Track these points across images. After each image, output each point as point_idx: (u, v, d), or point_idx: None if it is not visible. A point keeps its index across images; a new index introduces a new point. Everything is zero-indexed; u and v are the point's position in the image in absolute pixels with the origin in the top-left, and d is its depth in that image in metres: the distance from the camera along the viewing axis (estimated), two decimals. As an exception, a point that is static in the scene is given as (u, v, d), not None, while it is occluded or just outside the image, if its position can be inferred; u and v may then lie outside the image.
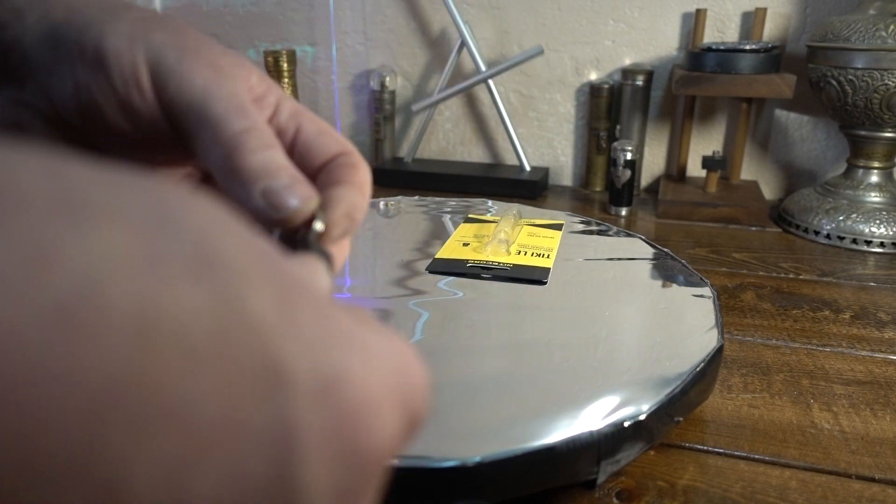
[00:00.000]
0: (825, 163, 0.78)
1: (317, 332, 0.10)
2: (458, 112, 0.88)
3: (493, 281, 0.42)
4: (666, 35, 0.78)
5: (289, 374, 0.09)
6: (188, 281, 0.08)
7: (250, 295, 0.09)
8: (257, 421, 0.09)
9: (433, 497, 0.25)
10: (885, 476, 0.31)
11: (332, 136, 0.21)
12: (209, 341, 0.08)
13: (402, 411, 0.11)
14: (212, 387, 0.08)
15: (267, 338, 0.09)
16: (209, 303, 0.08)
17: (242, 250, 0.09)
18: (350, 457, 0.10)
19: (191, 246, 0.09)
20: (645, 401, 0.29)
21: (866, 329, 0.46)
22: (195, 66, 0.18)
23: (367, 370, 0.10)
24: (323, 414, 0.09)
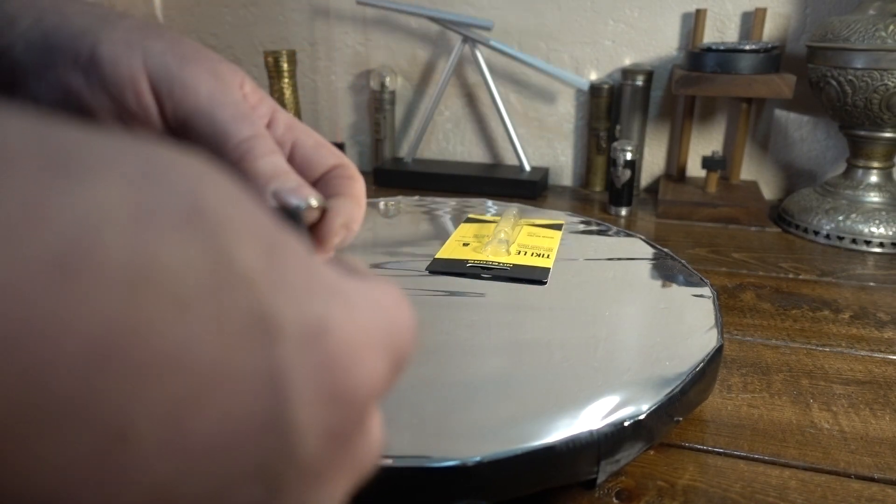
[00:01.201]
0: (825, 163, 0.78)
1: (302, 282, 0.10)
2: (458, 112, 0.88)
3: (493, 281, 0.42)
4: (666, 35, 0.78)
5: (277, 322, 0.09)
6: (179, 232, 0.09)
7: (239, 247, 0.09)
8: (249, 366, 0.09)
9: (433, 497, 0.26)
10: (885, 476, 0.31)
11: (328, 149, 0.22)
12: (201, 291, 0.09)
13: (387, 353, 0.12)
14: (205, 334, 0.09)
15: (255, 288, 0.09)
16: (200, 254, 0.09)
17: (231, 204, 0.10)
18: (338, 397, 0.10)
19: (181, 198, 0.09)
20: (645, 400, 0.29)
21: (866, 329, 0.46)
22: (197, 72, 0.19)
23: (350, 317, 0.11)
24: (310, 359, 0.10)
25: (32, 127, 0.08)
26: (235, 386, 0.09)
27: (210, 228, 0.09)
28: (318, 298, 0.10)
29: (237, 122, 0.19)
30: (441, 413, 0.28)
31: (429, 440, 0.26)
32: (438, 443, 0.26)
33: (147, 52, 0.19)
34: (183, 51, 0.19)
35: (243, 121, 0.19)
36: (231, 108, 0.19)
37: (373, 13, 0.87)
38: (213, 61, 0.20)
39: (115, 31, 0.19)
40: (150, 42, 0.19)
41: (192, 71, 0.19)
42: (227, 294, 0.09)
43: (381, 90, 0.86)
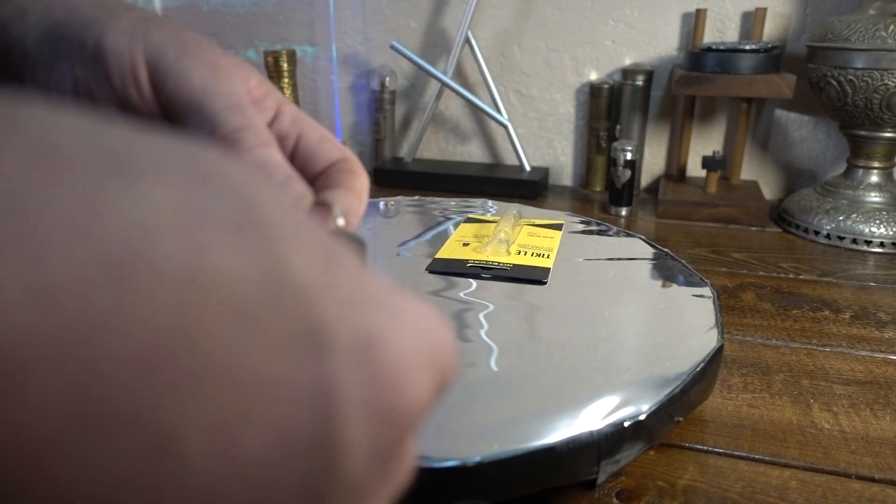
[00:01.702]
0: (825, 163, 0.78)
1: (355, 295, 0.10)
2: (458, 112, 0.88)
3: (493, 281, 0.42)
4: (666, 35, 0.78)
5: (330, 334, 0.09)
6: (234, 239, 0.08)
7: (293, 256, 0.09)
8: (300, 379, 0.09)
9: (433, 497, 0.25)
10: (885, 476, 0.31)
11: (332, 143, 0.21)
12: (255, 299, 0.08)
13: (433, 372, 0.12)
14: (258, 344, 0.08)
15: (309, 299, 0.09)
16: (254, 262, 0.09)
17: (283, 212, 0.09)
18: (387, 414, 0.10)
19: (235, 204, 0.09)
20: (645, 401, 0.29)
21: (866, 329, 0.46)
22: (194, 63, 0.19)
23: (401, 333, 0.11)
24: (361, 373, 0.10)
25: (88, 127, 0.08)
26: (285, 398, 0.09)
27: (266, 235, 0.09)
28: (371, 311, 0.10)
29: (227, 112, 0.18)
30: (441, 413, 0.28)
31: (429, 440, 0.26)
32: (438, 443, 0.26)
33: (147, 43, 0.19)
34: (183, 42, 0.19)
35: (234, 111, 0.19)
36: (223, 99, 0.19)
37: (372, 13, 0.87)
38: (213, 54, 0.20)
39: (119, 21, 0.19)
40: (152, 33, 0.19)
41: (188, 62, 0.19)
42: (281, 303, 0.09)
43: (381, 90, 0.86)
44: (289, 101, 0.22)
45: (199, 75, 0.19)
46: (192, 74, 0.19)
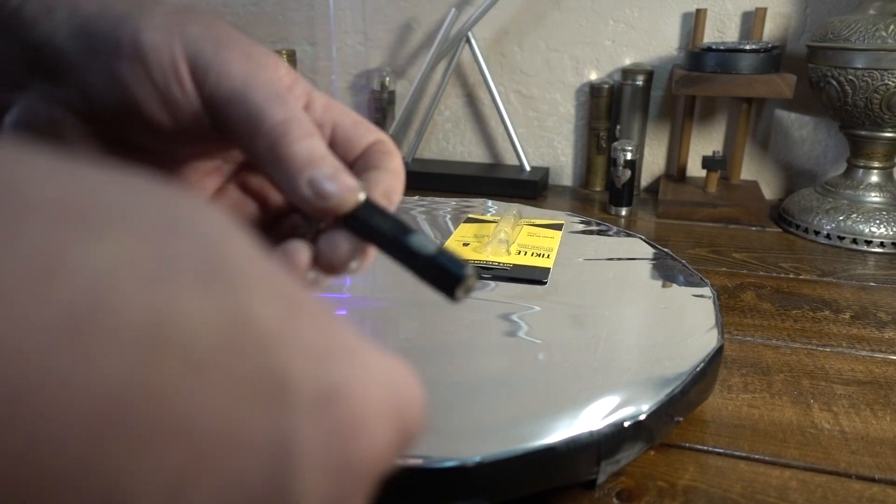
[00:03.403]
0: (825, 163, 0.78)
1: (320, 344, 0.10)
2: (458, 112, 0.88)
3: (493, 281, 0.42)
4: (666, 35, 0.78)
5: (292, 386, 0.09)
6: (197, 290, 0.08)
7: (257, 306, 0.09)
8: (258, 434, 0.09)
9: (433, 497, 0.25)
10: (886, 476, 0.31)
11: (366, 126, 0.22)
12: (216, 353, 0.08)
13: (396, 425, 0.11)
14: (216, 400, 0.08)
15: (272, 350, 0.09)
16: (219, 313, 0.08)
17: (249, 260, 0.09)
18: (344, 468, 0.10)
19: (200, 254, 0.09)
20: (645, 401, 0.29)
21: (866, 329, 0.46)
22: (232, 55, 0.19)
23: (365, 384, 0.10)
24: (321, 426, 0.09)
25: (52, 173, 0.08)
26: (243, 451, 0.08)
27: (231, 285, 0.09)
28: (334, 362, 0.10)
29: (271, 103, 0.18)
30: (441, 413, 0.28)
31: (429, 440, 0.26)
32: (438, 443, 0.26)
33: (184, 37, 0.18)
34: (217, 34, 0.19)
35: (278, 102, 0.18)
36: (265, 90, 0.18)
37: (372, 13, 0.87)
38: (247, 44, 0.20)
39: (153, 16, 0.18)
40: (187, 27, 0.19)
41: (226, 55, 0.18)
42: (243, 355, 0.09)
43: (381, 90, 0.86)
44: (315, 89, 0.22)
45: (238, 67, 0.18)
46: (232, 67, 0.18)
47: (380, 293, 0.41)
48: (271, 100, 0.18)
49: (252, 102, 0.18)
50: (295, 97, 0.21)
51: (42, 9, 0.18)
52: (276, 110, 0.18)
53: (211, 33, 0.19)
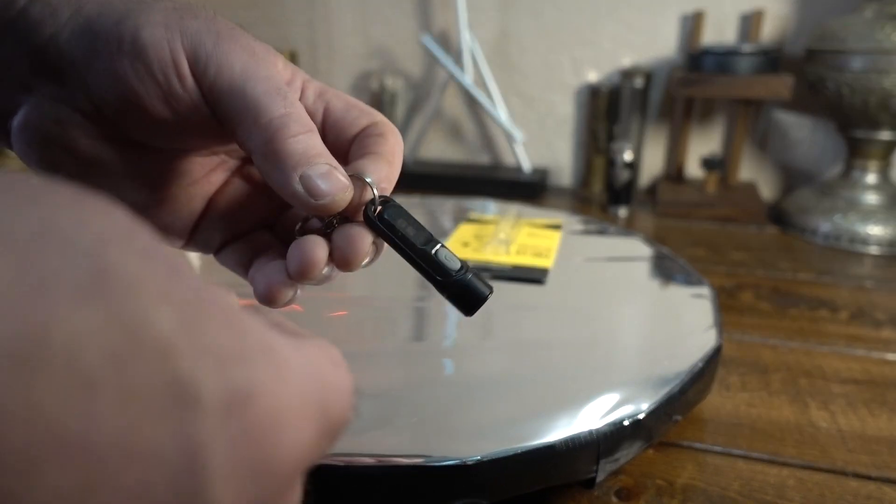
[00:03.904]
0: (823, 163, 0.78)
1: (225, 346, 0.10)
2: (458, 113, 0.89)
3: (493, 281, 0.42)
4: (665, 37, 0.78)
5: (195, 392, 0.09)
6: (79, 301, 0.08)
7: (152, 311, 0.09)
8: (163, 443, 0.08)
9: (433, 496, 0.26)
10: (882, 474, 0.31)
11: (359, 109, 0.21)
12: (105, 363, 0.08)
13: (318, 418, 0.11)
14: (112, 413, 0.08)
15: (170, 356, 0.09)
16: (107, 323, 0.08)
17: (142, 265, 0.09)
18: (260, 470, 0.10)
19: (83, 263, 0.08)
20: (644, 400, 0.29)
21: (863, 329, 0.46)
22: (232, 49, 0.19)
23: (277, 382, 0.10)
24: (231, 430, 0.09)
25: None
26: (147, 464, 0.08)
27: (118, 292, 0.08)
28: (243, 363, 0.10)
29: (270, 97, 0.18)
30: (441, 413, 0.28)
31: (429, 440, 0.26)
32: (438, 442, 0.26)
33: (184, 32, 0.18)
34: (218, 29, 0.19)
35: (277, 97, 0.18)
36: (264, 84, 0.18)
37: (373, 13, 0.87)
38: (247, 39, 0.20)
39: (153, 13, 0.18)
40: (187, 22, 0.19)
41: (226, 47, 0.19)
42: (139, 365, 0.08)
43: (382, 91, 0.86)
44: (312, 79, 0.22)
45: (239, 60, 0.19)
46: (233, 60, 0.18)
47: (380, 293, 0.41)
48: (271, 94, 0.18)
49: (251, 96, 0.18)
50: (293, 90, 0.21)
51: (47, 10, 0.18)
52: (275, 105, 0.18)
53: (211, 28, 0.19)
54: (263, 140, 0.18)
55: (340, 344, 0.14)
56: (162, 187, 0.21)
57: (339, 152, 0.21)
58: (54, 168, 0.19)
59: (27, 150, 0.19)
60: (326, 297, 0.39)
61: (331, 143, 0.21)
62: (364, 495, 0.26)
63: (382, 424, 0.27)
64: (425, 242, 0.19)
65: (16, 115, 0.19)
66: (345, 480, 0.25)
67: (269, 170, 0.18)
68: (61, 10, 0.18)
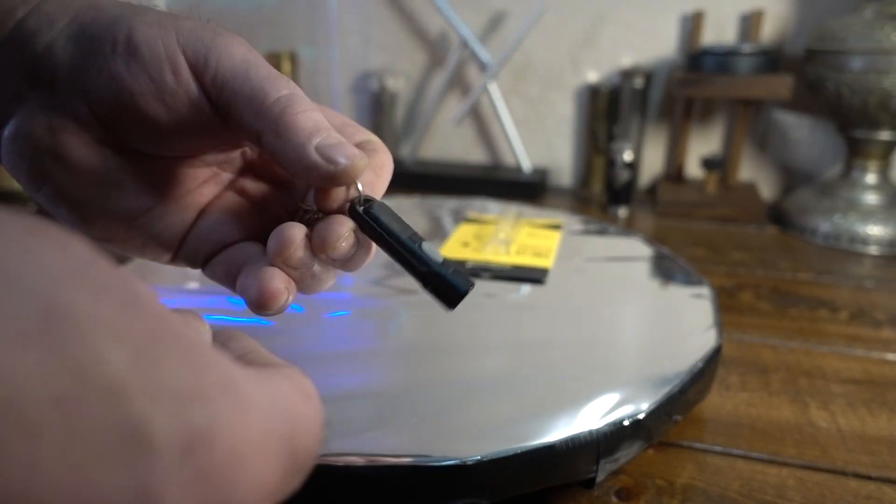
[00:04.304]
0: (823, 163, 0.78)
1: (183, 385, 0.09)
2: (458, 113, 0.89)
3: (493, 281, 0.42)
4: (664, 37, 0.78)
5: (148, 434, 0.09)
6: (25, 344, 0.08)
7: (101, 352, 0.08)
8: (114, 489, 0.08)
9: (433, 496, 0.26)
10: (882, 474, 0.31)
11: (354, 127, 0.22)
12: (53, 408, 0.08)
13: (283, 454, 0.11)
14: (63, 457, 0.08)
15: (122, 398, 0.08)
16: (51, 366, 0.08)
17: (94, 302, 0.09)
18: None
19: (30, 303, 0.08)
20: (644, 400, 0.29)
21: (863, 329, 0.46)
22: (230, 42, 0.19)
23: (238, 419, 0.10)
24: (188, 473, 0.09)
25: None
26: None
27: (67, 333, 0.08)
28: (201, 402, 0.09)
29: (273, 80, 0.19)
30: (441, 413, 0.28)
31: (429, 439, 0.27)
32: (438, 442, 0.26)
33: (179, 30, 0.19)
34: (213, 27, 0.20)
35: (279, 80, 0.19)
36: (266, 69, 0.19)
37: (373, 14, 0.87)
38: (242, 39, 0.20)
39: (147, 15, 0.19)
40: (182, 22, 0.19)
41: (224, 41, 0.19)
42: (88, 408, 0.08)
43: (382, 91, 0.86)
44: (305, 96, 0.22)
45: (238, 51, 0.19)
46: (232, 49, 0.19)
47: (380, 293, 0.41)
48: (273, 77, 0.19)
49: (255, 78, 0.18)
50: None
51: (43, 20, 0.18)
52: (280, 85, 0.19)
53: (207, 27, 0.19)
54: (274, 116, 0.18)
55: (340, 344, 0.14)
56: (154, 196, 0.21)
57: None
58: (43, 178, 0.19)
59: (17, 161, 0.19)
60: (326, 297, 0.39)
61: None
62: (363, 495, 0.26)
63: (382, 424, 0.27)
64: (409, 237, 0.19)
65: (6, 126, 0.19)
66: (344, 480, 0.25)
67: (282, 145, 0.18)
68: (57, 19, 0.19)
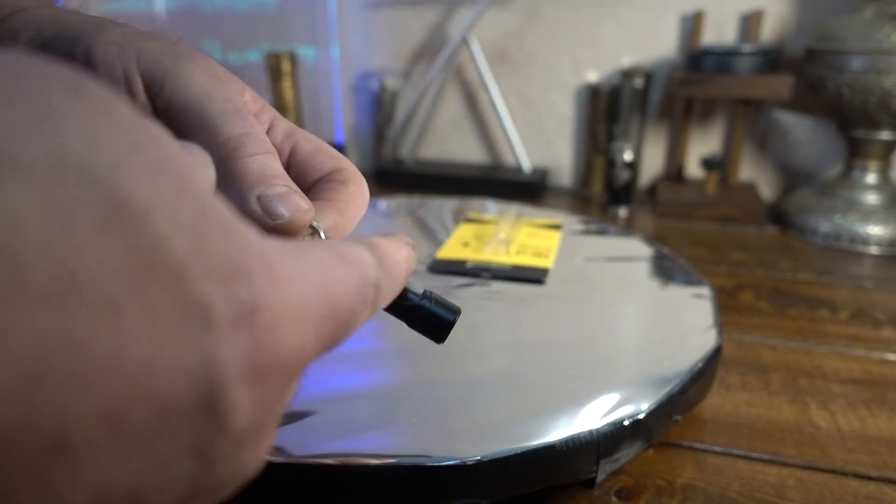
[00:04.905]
0: (823, 163, 0.78)
1: (233, 263, 0.10)
2: (458, 113, 0.89)
3: (493, 281, 0.42)
4: (665, 37, 0.78)
5: (207, 310, 0.10)
6: (100, 232, 0.08)
7: (167, 235, 0.09)
8: (183, 358, 0.09)
9: (433, 496, 0.26)
10: (882, 474, 0.31)
11: (326, 154, 0.21)
12: (132, 290, 0.09)
13: (322, 317, 0.12)
14: (138, 333, 0.09)
15: (186, 278, 0.09)
16: (127, 252, 0.09)
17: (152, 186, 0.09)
18: (268, 372, 0.11)
19: (100, 191, 0.09)
20: (644, 400, 0.29)
21: (863, 329, 0.46)
22: (191, 69, 0.19)
23: (277, 291, 0.11)
24: (241, 342, 0.10)
25: None
26: (170, 379, 0.09)
27: (134, 220, 0.09)
28: (245, 279, 0.10)
29: (228, 117, 0.18)
30: (441, 412, 0.28)
31: (429, 439, 0.27)
32: (438, 442, 0.26)
33: (141, 51, 0.18)
34: (178, 51, 0.19)
35: (235, 116, 0.18)
36: (222, 104, 0.18)
37: (373, 14, 0.87)
38: (209, 63, 0.20)
39: (109, 34, 0.18)
40: (145, 43, 0.19)
41: (186, 67, 0.19)
42: (158, 288, 0.09)
43: (382, 91, 0.86)
44: (283, 118, 0.22)
45: (197, 80, 0.18)
46: (191, 79, 0.18)
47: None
48: (228, 113, 0.18)
49: (208, 113, 0.18)
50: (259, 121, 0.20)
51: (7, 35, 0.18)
52: (233, 124, 0.18)
53: (172, 49, 0.19)
54: (220, 159, 0.18)
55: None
56: None
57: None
58: None
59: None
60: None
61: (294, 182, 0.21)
62: (364, 495, 0.26)
63: (382, 424, 0.27)
64: None
65: None
66: (344, 480, 0.25)
67: (226, 188, 0.18)
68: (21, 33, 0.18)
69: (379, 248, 0.15)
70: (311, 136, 0.21)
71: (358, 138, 0.94)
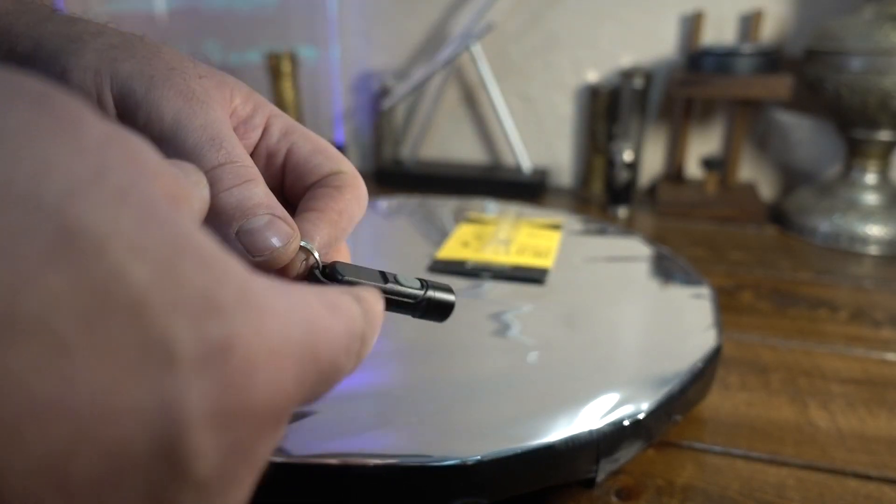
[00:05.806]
0: (822, 164, 0.78)
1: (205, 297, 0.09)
2: (458, 113, 0.89)
3: (493, 281, 0.43)
4: (664, 37, 0.78)
5: (170, 349, 0.09)
6: (48, 263, 0.08)
7: (127, 266, 0.08)
8: (139, 397, 0.08)
9: (433, 495, 0.26)
10: (881, 474, 0.31)
11: (325, 155, 0.20)
12: (79, 325, 0.08)
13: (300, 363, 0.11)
14: (88, 371, 0.08)
15: (145, 314, 0.09)
16: (79, 284, 0.08)
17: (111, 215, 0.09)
18: (238, 416, 0.10)
19: (49, 221, 0.08)
20: (644, 399, 0.29)
21: (863, 329, 0.46)
22: (165, 94, 0.18)
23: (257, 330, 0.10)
24: (207, 382, 0.09)
25: None
26: (125, 422, 0.08)
27: (86, 251, 0.08)
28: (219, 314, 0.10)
29: (201, 149, 0.17)
30: (441, 412, 0.29)
31: (429, 439, 0.27)
32: (438, 442, 0.26)
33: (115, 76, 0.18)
34: (153, 71, 0.18)
35: (209, 148, 0.17)
36: (196, 134, 0.17)
37: (374, 14, 0.87)
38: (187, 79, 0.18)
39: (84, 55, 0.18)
40: (119, 65, 0.18)
41: (158, 94, 0.18)
42: (113, 324, 0.08)
43: (382, 91, 0.86)
44: (281, 114, 0.21)
45: (170, 108, 0.18)
46: (163, 107, 0.18)
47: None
48: (202, 145, 0.17)
49: (182, 147, 0.17)
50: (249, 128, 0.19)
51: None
52: (208, 157, 0.17)
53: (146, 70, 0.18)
54: None
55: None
56: None
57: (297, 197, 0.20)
58: None
59: None
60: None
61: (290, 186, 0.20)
62: (364, 495, 0.26)
63: (382, 424, 0.28)
64: (384, 280, 0.19)
65: None
66: (345, 480, 0.25)
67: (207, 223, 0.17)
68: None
69: (365, 300, 0.14)
70: (310, 134, 0.21)
71: (358, 138, 0.94)
